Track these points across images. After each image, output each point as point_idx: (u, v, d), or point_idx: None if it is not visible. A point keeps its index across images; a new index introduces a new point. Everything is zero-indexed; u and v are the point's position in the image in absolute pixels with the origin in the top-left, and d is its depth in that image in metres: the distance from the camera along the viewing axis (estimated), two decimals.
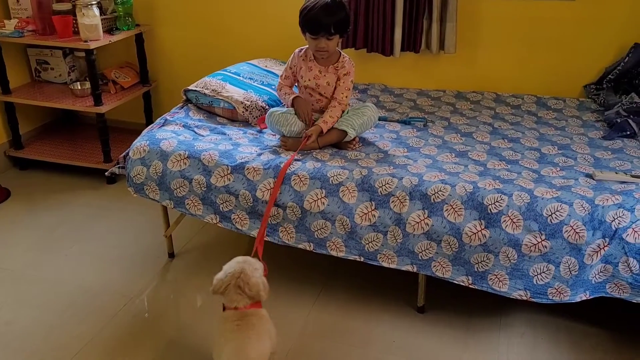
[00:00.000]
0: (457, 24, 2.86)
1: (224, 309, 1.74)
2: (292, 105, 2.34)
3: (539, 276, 1.88)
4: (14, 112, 3.23)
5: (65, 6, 3.08)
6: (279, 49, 3.15)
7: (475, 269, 1.95)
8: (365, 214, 2.03)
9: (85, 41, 2.92)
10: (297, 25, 2.28)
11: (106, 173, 2.48)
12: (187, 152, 2.22)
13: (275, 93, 2.71)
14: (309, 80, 2.34)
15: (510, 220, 1.87)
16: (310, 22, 2.22)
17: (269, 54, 3.17)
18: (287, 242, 2.15)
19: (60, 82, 3.39)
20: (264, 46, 3.24)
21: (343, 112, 2.32)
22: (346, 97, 2.32)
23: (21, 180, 3.22)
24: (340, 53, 2.35)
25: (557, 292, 1.88)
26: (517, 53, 2.93)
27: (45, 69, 3.38)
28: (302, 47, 2.39)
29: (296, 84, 2.45)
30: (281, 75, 2.44)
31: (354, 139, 2.31)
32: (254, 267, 1.75)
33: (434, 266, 2.00)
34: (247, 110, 2.56)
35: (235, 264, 1.75)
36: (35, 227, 2.78)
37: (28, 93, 3.24)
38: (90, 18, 2.90)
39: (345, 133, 2.27)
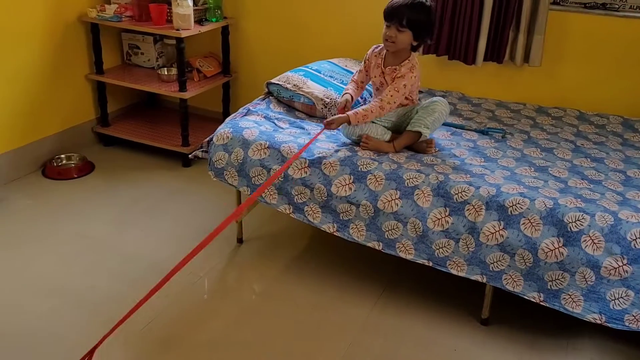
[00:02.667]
0: (545, 36, 2.80)
1: None
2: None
3: (617, 301, 1.82)
4: (104, 92, 3.41)
5: None
6: (358, 50, 3.17)
7: (549, 287, 1.91)
8: (439, 219, 2.03)
9: (177, 30, 3.05)
10: (377, 28, 2.30)
11: (190, 155, 2.59)
12: (267, 143, 2.29)
13: None
14: (375, 77, 2.39)
15: (590, 241, 1.83)
16: (388, 8, 2.26)
17: (349, 54, 3.21)
18: (356, 239, 2.18)
19: (148, 66, 3.55)
20: (344, 46, 3.27)
21: (382, 111, 2.27)
22: (391, 96, 2.27)
23: (105, 156, 3.40)
24: (410, 55, 2.32)
25: (635, 320, 1.82)
26: (605, 71, 2.84)
27: (135, 53, 3.55)
28: (379, 45, 2.41)
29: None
30: (357, 70, 2.51)
31: (431, 141, 2.31)
32: None
33: (505, 279, 1.98)
34: (325, 107, 2.61)
35: None
36: (116, 200, 2.94)
37: (118, 74, 3.42)
38: (184, 8, 3.03)
39: (419, 134, 2.27)
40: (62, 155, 3.23)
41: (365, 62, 2.45)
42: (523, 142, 2.48)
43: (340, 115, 2.30)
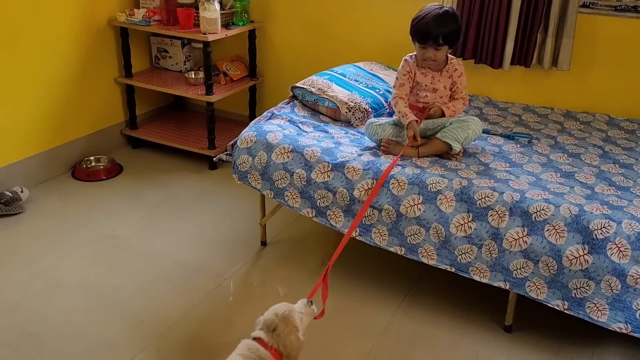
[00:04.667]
0: (574, 40, 2.76)
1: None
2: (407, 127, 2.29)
3: None
4: (133, 95, 3.48)
5: None
6: (384, 54, 3.18)
7: (573, 295, 1.88)
8: (462, 224, 2.02)
9: (204, 33, 3.10)
10: (402, 32, 2.29)
11: (214, 158, 2.63)
12: (291, 146, 2.31)
13: (379, 97, 2.75)
14: (426, 85, 2.36)
15: (617, 249, 1.80)
16: (420, 32, 2.25)
17: (375, 58, 3.21)
18: (379, 243, 2.18)
19: (176, 70, 3.61)
20: (370, 50, 3.28)
21: (464, 107, 2.40)
22: (466, 93, 2.40)
23: (133, 158, 3.46)
24: (448, 56, 2.35)
25: None
26: (636, 75, 2.78)
27: (164, 56, 3.62)
28: (411, 54, 2.39)
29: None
30: (395, 85, 2.37)
31: (459, 151, 2.29)
32: (294, 326, 1.66)
33: (529, 286, 1.95)
34: (350, 111, 2.62)
35: (273, 316, 1.68)
36: (143, 202, 2.99)
37: (147, 78, 3.48)
38: (211, 12, 3.07)
39: (448, 146, 2.26)
40: (92, 157, 3.31)
41: (408, 75, 2.34)
42: (549, 147, 2.45)
43: (435, 107, 2.33)
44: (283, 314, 1.67)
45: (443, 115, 2.34)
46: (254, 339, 1.65)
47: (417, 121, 2.27)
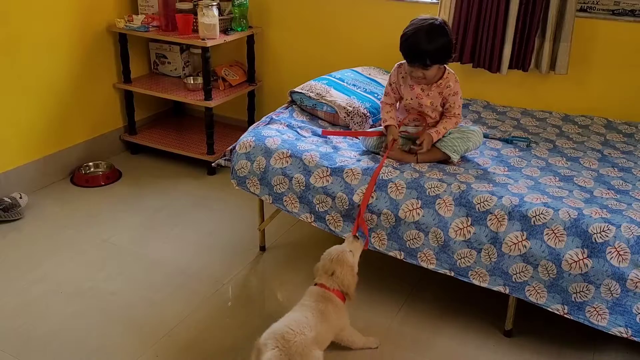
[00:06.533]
0: (572, 44, 2.77)
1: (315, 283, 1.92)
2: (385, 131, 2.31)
3: None
4: (132, 100, 3.48)
5: (187, 5, 3.29)
6: (382, 58, 3.18)
7: (573, 299, 1.87)
8: (461, 229, 2.01)
9: (203, 39, 3.10)
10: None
11: (213, 164, 2.62)
12: (289, 151, 2.31)
13: (377, 101, 2.75)
14: (411, 99, 2.30)
15: (616, 252, 1.79)
16: (406, 51, 2.16)
17: (373, 63, 3.21)
18: (378, 248, 2.18)
19: (174, 75, 3.62)
20: (367, 55, 3.29)
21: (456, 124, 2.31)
22: (459, 114, 2.30)
23: (132, 163, 3.46)
24: (445, 68, 2.28)
25: None
26: (634, 78, 2.79)
27: (162, 62, 3.62)
28: (400, 62, 2.31)
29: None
30: (384, 93, 2.39)
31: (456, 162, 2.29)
32: (348, 266, 1.88)
33: (528, 290, 1.95)
34: (348, 115, 2.62)
35: (329, 262, 1.88)
36: (141, 208, 2.99)
37: (146, 83, 3.48)
38: (210, 18, 3.07)
39: (447, 156, 2.25)
40: (90, 163, 3.31)
41: (391, 85, 2.34)
42: (548, 151, 2.45)
43: (425, 134, 2.23)
44: (337, 257, 1.88)
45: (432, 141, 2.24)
46: (317, 284, 1.88)
47: (396, 126, 2.29)
